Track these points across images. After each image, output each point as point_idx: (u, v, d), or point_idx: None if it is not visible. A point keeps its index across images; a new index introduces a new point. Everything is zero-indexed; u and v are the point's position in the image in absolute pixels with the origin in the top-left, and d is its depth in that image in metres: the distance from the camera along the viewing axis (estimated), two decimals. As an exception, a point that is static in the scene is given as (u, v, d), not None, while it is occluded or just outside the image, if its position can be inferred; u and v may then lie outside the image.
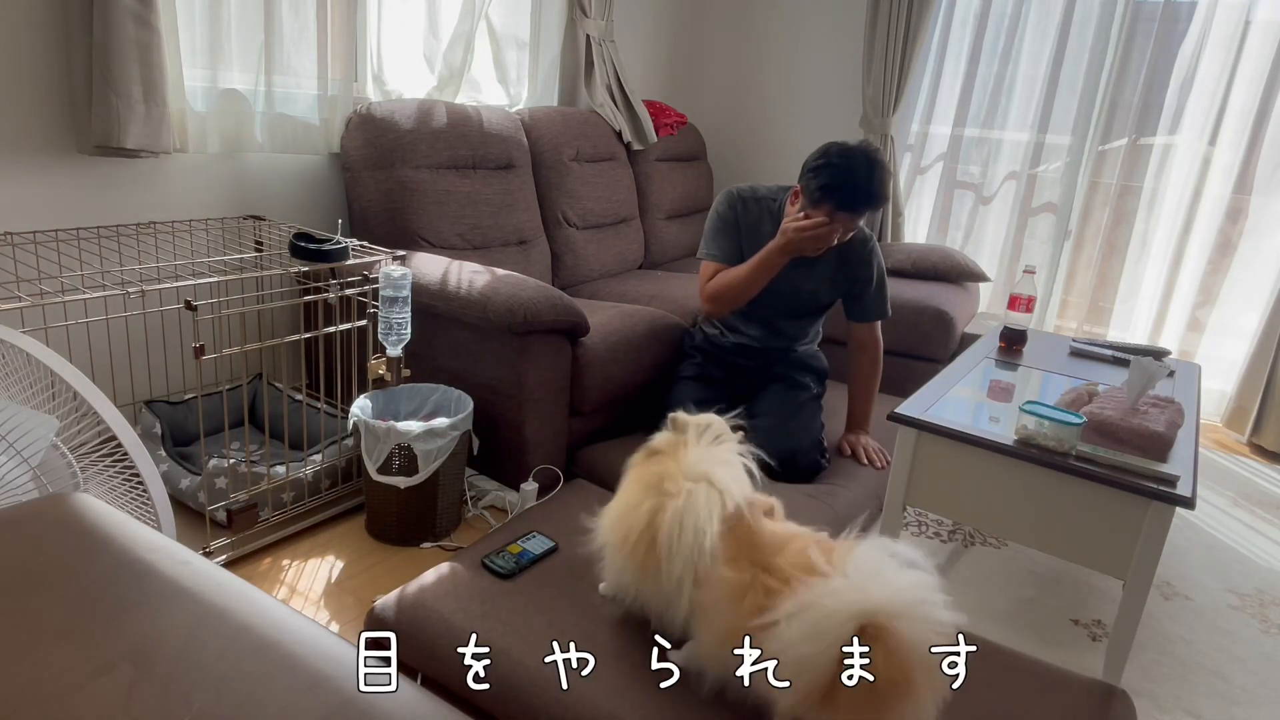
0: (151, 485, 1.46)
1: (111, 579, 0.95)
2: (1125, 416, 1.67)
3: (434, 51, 2.74)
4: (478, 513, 2.08)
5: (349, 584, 1.76)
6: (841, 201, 1.92)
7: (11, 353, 1.46)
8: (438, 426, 1.83)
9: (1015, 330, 2.36)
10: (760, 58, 4.02)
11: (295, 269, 1.93)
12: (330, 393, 2.34)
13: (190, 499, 1.89)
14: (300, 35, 2.27)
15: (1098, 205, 3.46)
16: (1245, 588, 2.08)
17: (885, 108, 3.57)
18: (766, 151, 4.09)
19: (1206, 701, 1.65)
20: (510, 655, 1.38)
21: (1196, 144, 3.23)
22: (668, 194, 3.54)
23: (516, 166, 2.80)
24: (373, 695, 0.81)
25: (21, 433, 1.34)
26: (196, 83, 2.11)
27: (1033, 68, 3.45)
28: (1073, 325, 3.60)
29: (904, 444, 1.77)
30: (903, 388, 3.01)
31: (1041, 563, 2.09)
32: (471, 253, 2.57)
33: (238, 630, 0.89)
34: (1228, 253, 3.27)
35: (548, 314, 1.98)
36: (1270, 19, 3.03)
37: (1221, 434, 3.22)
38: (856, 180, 1.91)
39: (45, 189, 1.94)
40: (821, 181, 1.92)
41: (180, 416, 2.13)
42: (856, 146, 1.96)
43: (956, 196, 3.73)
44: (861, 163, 1.91)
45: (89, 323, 2.00)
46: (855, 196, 1.92)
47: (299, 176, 2.46)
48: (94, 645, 0.85)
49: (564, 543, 1.73)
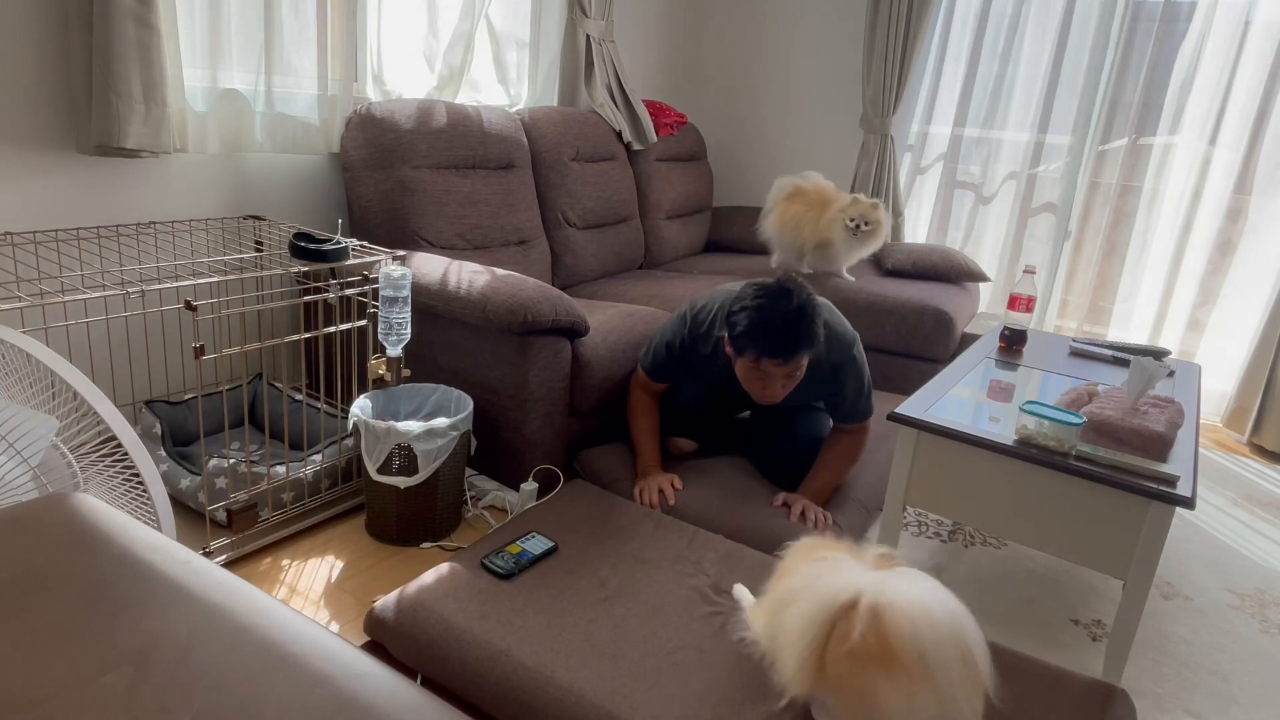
0: (151, 485, 1.46)
1: (111, 579, 0.95)
2: (1125, 416, 1.68)
3: (434, 51, 2.75)
4: (478, 513, 2.08)
5: (349, 584, 1.76)
6: (762, 350, 1.75)
7: (11, 353, 1.46)
8: (438, 426, 1.83)
9: (1015, 330, 2.36)
10: (760, 58, 4.02)
11: (295, 269, 1.93)
12: (330, 393, 2.34)
13: (190, 499, 1.89)
14: (300, 35, 2.27)
15: (1098, 205, 3.46)
16: (1245, 588, 2.08)
17: (885, 108, 3.57)
18: (766, 151, 4.09)
19: (1206, 701, 1.65)
20: (510, 655, 1.38)
21: (1196, 144, 3.23)
22: (668, 194, 3.54)
23: (516, 166, 2.80)
24: (373, 695, 0.81)
25: (21, 433, 1.34)
26: (196, 83, 2.11)
27: (1033, 68, 3.45)
28: (1073, 325, 3.61)
29: (904, 444, 1.77)
30: (903, 388, 3.03)
31: (1041, 563, 2.09)
32: (471, 253, 2.57)
33: (238, 630, 0.89)
34: (1228, 253, 3.27)
35: (548, 314, 1.98)
36: (1270, 19, 3.03)
37: (1221, 434, 3.21)
38: (772, 327, 1.73)
39: (45, 189, 1.94)
40: (738, 330, 1.77)
41: (180, 416, 2.13)
42: (777, 287, 1.78)
43: (956, 196, 3.73)
44: (780, 307, 1.74)
45: (89, 323, 2.01)
46: (773, 346, 1.74)
47: (299, 176, 2.46)
48: (94, 645, 0.85)
49: (564, 543, 1.73)
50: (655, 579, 1.63)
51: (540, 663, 1.37)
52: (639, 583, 1.61)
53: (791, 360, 1.76)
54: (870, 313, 2.98)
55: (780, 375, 1.79)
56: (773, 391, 1.83)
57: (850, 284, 3.07)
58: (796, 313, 1.74)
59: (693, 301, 2.04)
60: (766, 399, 1.85)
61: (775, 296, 1.76)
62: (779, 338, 1.74)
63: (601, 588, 1.58)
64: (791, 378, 1.82)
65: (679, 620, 1.50)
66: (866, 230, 2.99)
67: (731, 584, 1.63)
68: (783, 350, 1.74)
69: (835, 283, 3.08)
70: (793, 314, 1.74)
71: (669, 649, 1.42)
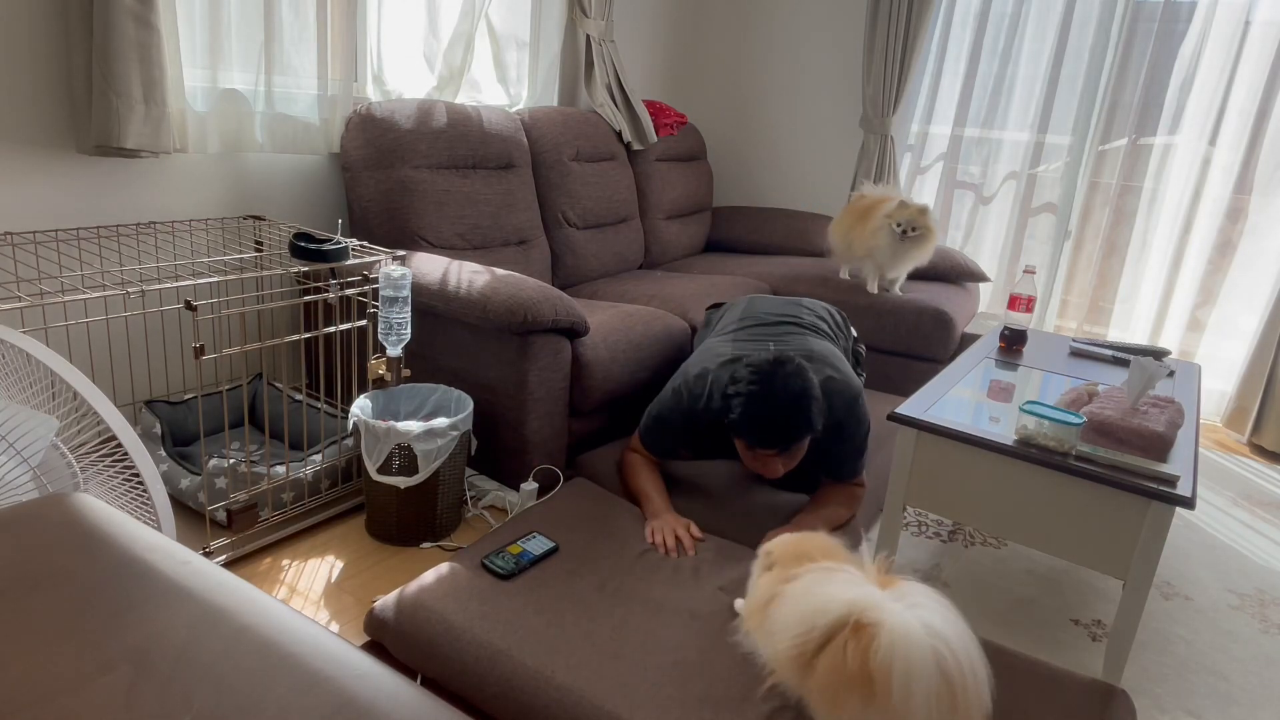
0: (151, 485, 1.46)
1: (111, 579, 0.95)
2: (1125, 416, 1.67)
3: (434, 51, 2.75)
4: (478, 513, 2.08)
5: (349, 584, 1.76)
6: (757, 442, 1.70)
7: (11, 353, 1.46)
8: (438, 426, 1.83)
9: (1015, 330, 2.36)
10: (760, 58, 4.02)
11: (295, 269, 1.93)
12: (330, 393, 2.34)
13: (190, 499, 1.89)
14: (300, 35, 2.27)
15: (1098, 205, 3.46)
16: (1245, 588, 2.08)
17: (885, 108, 3.57)
18: (766, 151, 4.10)
19: (1206, 701, 1.65)
20: (510, 655, 1.38)
21: (1196, 144, 3.23)
22: (668, 194, 3.54)
23: (516, 166, 2.80)
24: (373, 695, 0.81)
25: (21, 433, 1.34)
26: (196, 83, 2.11)
27: (1033, 68, 3.45)
28: (1073, 325, 3.61)
29: (904, 444, 1.77)
30: (903, 388, 3.03)
31: (1041, 563, 2.09)
32: (471, 253, 2.57)
33: (238, 630, 0.89)
34: (1228, 253, 3.27)
35: (548, 314, 1.98)
36: (1270, 19, 3.03)
37: (1221, 434, 3.21)
38: (767, 419, 1.68)
39: (45, 189, 1.94)
40: (734, 417, 1.71)
41: (180, 416, 2.13)
42: (772, 369, 1.71)
43: (956, 196, 3.73)
44: (776, 394, 1.67)
45: (89, 323, 2.01)
46: (769, 438, 1.69)
47: (299, 176, 2.46)
48: (94, 645, 0.85)
49: (564, 543, 1.73)
50: (656, 579, 1.63)
51: (540, 663, 1.37)
52: (639, 583, 1.61)
53: (788, 450, 1.72)
54: (870, 313, 2.98)
55: (779, 461, 1.76)
56: (772, 470, 1.79)
57: (899, 297, 2.98)
58: (793, 401, 1.68)
59: (685, 372, 1.95)
60: (767, 475, 1.82)
61: (771, 381, 1.69)
62: (775, 429, 1.68)
63: (602, 588, 1.58)
64: (792, 458, 1.77)
65: (679, 621, 1.50)
66: (914, 235, 2.84)
67: (731, 584, 1.63)
68: (779, 441, 1.69)
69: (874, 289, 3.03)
70: (788, 404, 1.68)
71: (669, 649, 1.42)
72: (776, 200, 4.11)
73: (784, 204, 4.10)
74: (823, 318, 2.22)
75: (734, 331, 2.08)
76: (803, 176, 4.02)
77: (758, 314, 2.14)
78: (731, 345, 1.98)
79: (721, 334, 2.11)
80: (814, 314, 2.20)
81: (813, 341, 2.00)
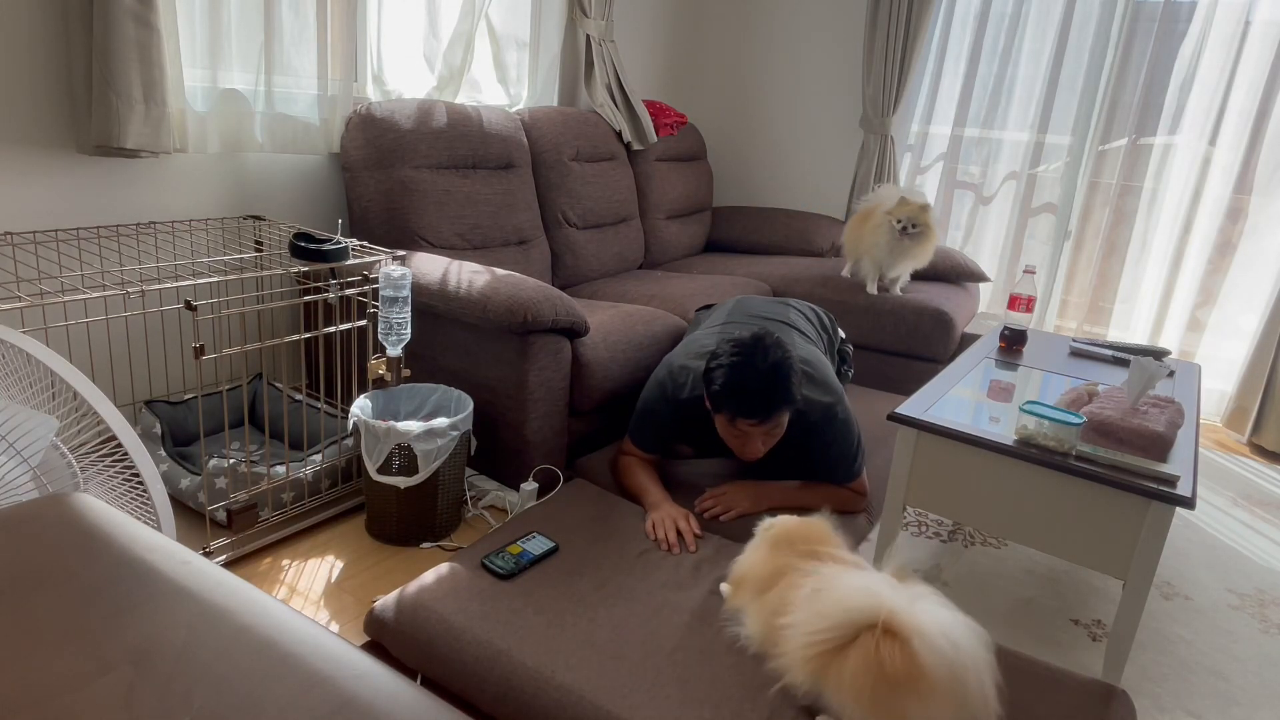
0: (151, 485, 1.46)
1: (111, 579, 0.95)
2: (1125, 416, 1.67)
3: (434, 51, 2.75)
4: (478, 513, 2.08)
5: (349, 584, 1.76)
6: (737, 411, 1.72)
7: (11, 353, 1.46)
8: (438, 426, 1.83)
9: (1015, 330, 2.36)
10: (760, 58, 4.02)
11: (295, 269, 1.93)
12: (330, 393, 2.34)
13: (190, 499, 1.89)
14: (300, 35, 2.27)
15: (1098, 205, 3.46)
16: (1245, 588, 2.08)
17: (885, 108, 3.57)
18: (766, 151, 4.10)
19: (1206, 701, 1.65)
20: (510, 655, 1.38)
21: (1196, 144, 3.23)
22: (668, 194, 3.54)
23: (516, 166, 2.80)
24: (373, 695, 0.81)
25: (21, 433, 1.34)
26: (196, 83, 2.11)
27: (1033, 68, 3.45)
28: (1073, 325, 3.61)
29: (904, 444, 1.77)
30: (903, 388, 3.03)
31: (1041, 563, 2.09)
32: (471, 253, 2.57)
33: (238, 630, 0.89)
34: (1228, 253, 3.27)
35: (548, 314, 1.98)
36: (1270, 19, 3.03)
37: (1221, 434, 3.21)
38: (747, 388, 1.69)
39: (45, 189, 1.94)
40: (714, 388, 1.74)
41: (180, 416, 2.13)
42: (753, 343, 1.74)
43: (956, 196, 3.73)
44: (755, 365, 1.70)
45: (89, 323, 2.01)
46: (749, 406, 1.70)
47: (299, 176, 2.46)
48: (94, 645, 0.85)
49: (564, 543, 1.73)
50: (656, 579, 1.63)
51: (540, 663, 1.37)
52: (640, 583, 1.61)
53: (768, 420, 1.72)
54: (870, 313, 2.98)
55: (759, 434, 1.76)
56: (753, 448, 1.80)
57: (899, 297, 2.97)
58: (771, 371, 1.70)
59: (668, 363, 1.98)
60: (748, 455, 1.82)
61: (750, 353, 1.71)
62: (754, 398, 1.69)
63: (602, 588, 1.58)
64: (771, 435, 1.78)
65: (679, 621, 1.50)
66: (915, 232, 2.83)
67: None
68: (758, 410, 1.70)
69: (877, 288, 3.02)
70: (768, 372, 1.70)
71: (669, 649, 1.42)
72: (776, 200, 4.11)
73: (784, 204, 4.10)
74: (809, 318, 2.24)
75: (720, 326, 2.10)
76: (803, 176, 4.02)
77: (744, 313, 2.16)
78: (715, 339, 1.99)
79: (708, 328, 2.13)
80: (800, 314, 2.22)
81: (798, 340, 2.03)
